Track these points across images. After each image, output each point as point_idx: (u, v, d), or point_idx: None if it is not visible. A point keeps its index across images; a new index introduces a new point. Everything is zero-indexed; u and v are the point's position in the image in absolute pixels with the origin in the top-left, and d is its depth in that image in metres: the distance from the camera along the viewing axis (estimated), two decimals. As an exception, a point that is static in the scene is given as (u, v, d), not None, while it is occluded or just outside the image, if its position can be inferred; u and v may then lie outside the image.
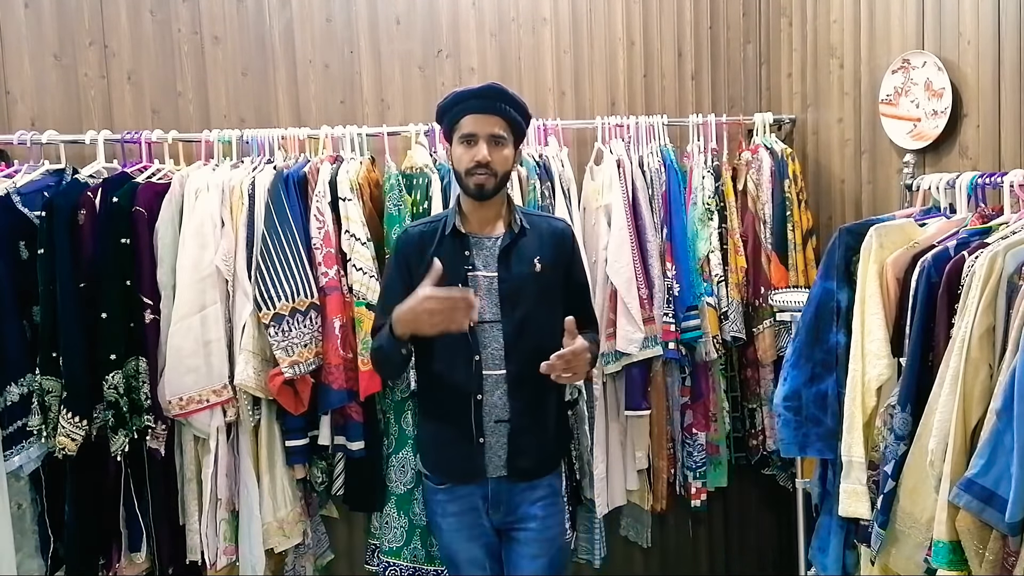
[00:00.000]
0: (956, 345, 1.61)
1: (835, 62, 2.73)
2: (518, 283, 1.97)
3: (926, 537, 1.67)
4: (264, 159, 2.60)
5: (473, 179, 1.93)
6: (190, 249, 2.36)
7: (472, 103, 1.95)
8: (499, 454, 1.98)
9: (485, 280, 1.97)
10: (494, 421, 1.97)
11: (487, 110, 1.94)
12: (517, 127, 1.99)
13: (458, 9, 2.93)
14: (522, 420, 1.98)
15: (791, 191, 2.79)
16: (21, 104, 2.66)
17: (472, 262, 1.98)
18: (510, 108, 1.97)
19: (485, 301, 1.96)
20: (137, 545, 2.43)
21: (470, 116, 1.94)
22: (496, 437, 1.98)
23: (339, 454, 2.58)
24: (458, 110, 1.96)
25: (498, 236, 2.00)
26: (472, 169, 1.93)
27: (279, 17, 2.82)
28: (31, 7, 2.65)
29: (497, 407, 1.97)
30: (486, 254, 1.99)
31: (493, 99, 1.96)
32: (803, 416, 2.00)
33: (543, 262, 1.99)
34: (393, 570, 2.58)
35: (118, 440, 2.30)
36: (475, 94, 1.96)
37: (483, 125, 1.94)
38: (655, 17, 3.05)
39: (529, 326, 1.96)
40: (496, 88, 1.98)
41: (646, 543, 2.99)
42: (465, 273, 1.97)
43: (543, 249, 2.01)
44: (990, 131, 2.07)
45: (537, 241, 2.02)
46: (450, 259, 1.94)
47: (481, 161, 1.91)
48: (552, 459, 2.09)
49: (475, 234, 2.00)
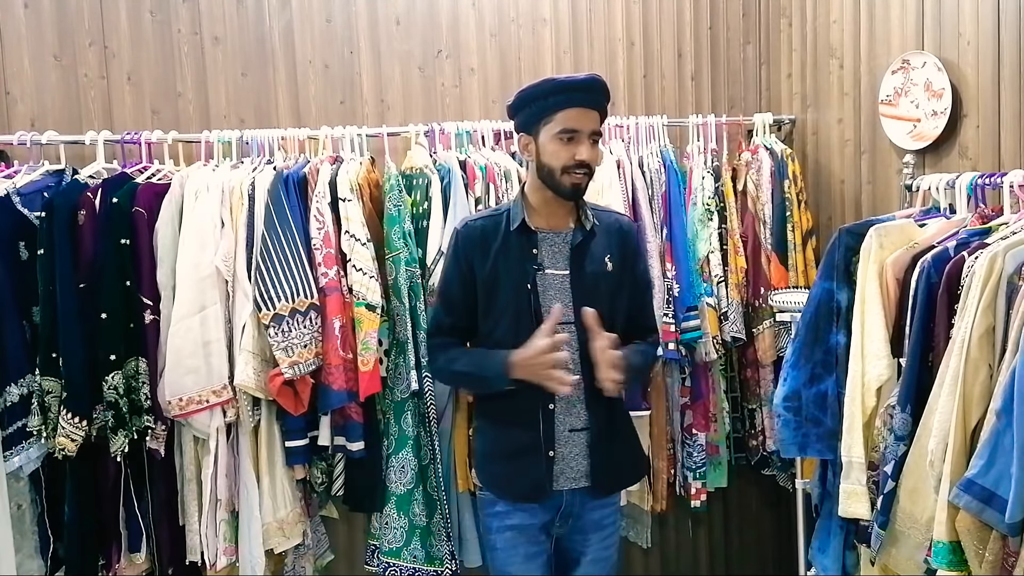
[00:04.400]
0: (956, 345, 1.61)
1: (835, 62, 2.73)
2: (592, 282, 1.88)
3: (926, 537, 1.67)
4: (264, 160, 2.60)
5: (571, 178, 1.82)
6: (190, 249, 2.36)
7: (577, 96, 1.82)
8: (572, 465, 1.89)
9: (555, 279, 1.88)
10: (568, 431, 1.88)
11: (591, 104, 1.83)
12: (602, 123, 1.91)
13: (458, 9, 2.93)
14: (603, 428, 1.89)
15: (791, 191, 2.78)
16: (21, 104, 2.66)
17: (540, 260, 1.89)
18: (605, 104, 1.87)
19: (555, 301, 1.87)
20: (137, 545, 2.42)
21: (574, 110, 1.81)
22: (570, 447, 1.88)
23: (339, 454, 2.58)
24: (557, 101, 1.82)
25: (567, 232, 1.90)
26: (571, 167, 1.81)
27: (279, 17, 2.82)
28: (31, 7, 2.65)
29: (572, 415, 1.87)
30: (555, 251, 1.89)
31: (598, 93, 1.85)
32: (803, 416, 2.00)
33: (613, 260, 1.91)
34: (393, 571, 2.58)
35: (118, 441, 2.30)
36: (581, 86, 1.83)
37: (587, 121, 1.82)
38: (655, 17, 3.05)
39: (605, 327, 1.83)
40: (601, 81, 1.86)
41: (646, 543, 2.99)
42: (533, 272, 1.88)
43: (612, 246, 1.92)
44: (990, 131, 2.07)
45: (606, 238, 1.92)
46: (516, 256, 1.88)
47: (586, 160, 1.81)
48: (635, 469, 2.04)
49: (543, 230, 1.91)
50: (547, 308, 1.85)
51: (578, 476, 1.89)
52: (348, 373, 2.42)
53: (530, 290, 1.88)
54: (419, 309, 2.53)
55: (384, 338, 2.51)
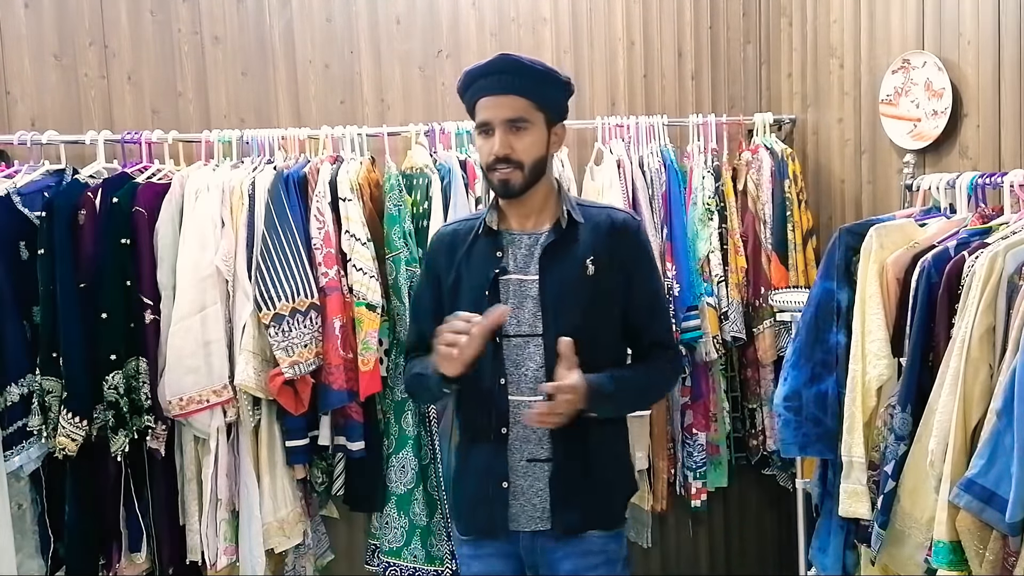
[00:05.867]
0: (956, 345, 1.61)
1: (835, 62, 2.73)
2: (563, 288, 1.62)
3: (926, 537, 1.67)
4: (264, 159, 2.59)
5: (495, 175, 1.62)
6: (190, 249, 2.36)
7: (484, 83, 1.63)
8: (534, 502, 1.62)
9: (521, 285, 1.64)
10: (526, 460, 1.62)
11: (499, 89, 1.61)
12: (547, 101, 1.64)
13: (458, 9, 2.93)
14: (568, 459, 1.61)
15: (791, 191, 2.78)
16: (21, 104, 2.66)
17: (504, 264, 1.65)
18: (529, 81, 1.61)
19: (519, 310, 1.63)
20: (137, 545, 2.42)
21: (484, 99, 1.63)
22: (529, 481, 1.62)
23: (339, 454, 2.58)
24: (471, 93, 1.66)
25: (541, 233, 1.67)
26: (491, 164, 1.62)
27: (279, 17, 2.82)
28: (31, 7, 2.65)
29: (531, 443, 1.62)
30: (523, 254, 1.66)
31: (510, 74, 1.61)
32: (803, 416, 2.00)
33: (598, 262, 1.63)
34: (393, 570, 2.58)
35: (118, 440, 2.30)
36: (483, 72, 1.64)
37: (498, 109, 1.61)
38: (655, 17, 3.05)
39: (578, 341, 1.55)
40: (509, 60, 1.63)
41: (646, 543, 2.99)
42: (495, 277, 1.64)
43: (598, 246, 1.64)
44: (990, 131, 2.07)
45: (591, 237, 1.65)
46: (479, 261, 1.67)
47: (498, 155, 1.60)
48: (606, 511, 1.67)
49: (512, 231, 1.68)
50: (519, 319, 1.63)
51: (538, 516, 1.62)
52: (348, 373, 2.42)
53: (488, 296, 1.63)
54: (419, 309, 2.53)
55: (384, 338, 2.51)
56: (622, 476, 1.76)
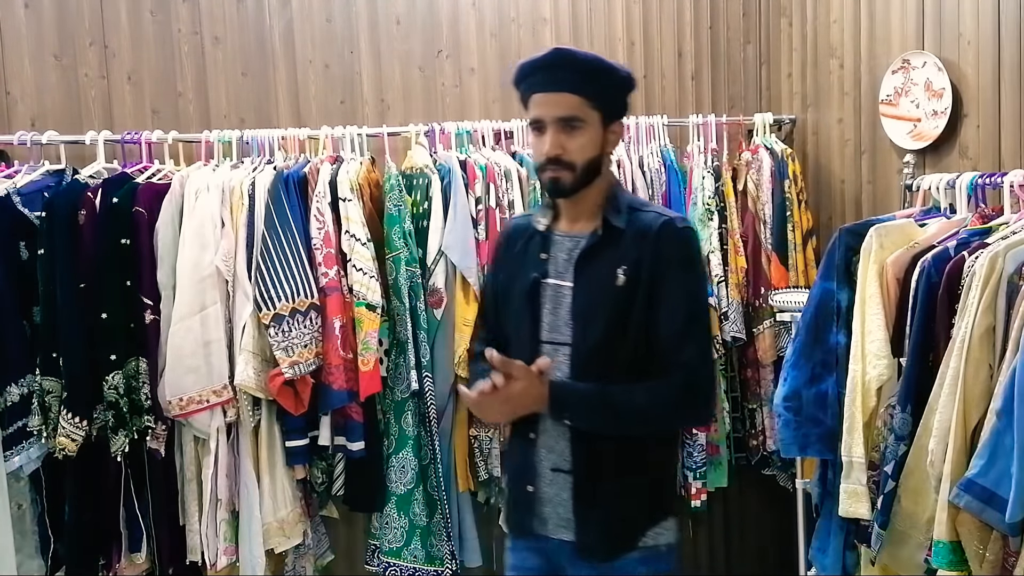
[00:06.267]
0: (956, 345, 1.61)
1: (835, 62, 2.73)
2: (591, 298, 1.54)
3: (926, 537, 1.67)
4: (264, 159, 2.59)
5: (545, 175, 1.55)
6: (190, 249, 2.36)
7: (535, 79, 1.54)
8: (559, 511, 1.57)
9: (558, 291, 1.58)
10: (551, 469, 1.57)
11: (552, 85, 1.52)
12: (603, 99, 1.54)
13: (458, 9, 2.92)
14: (590, 474, 1.54)
15: (791, 191, 2.79)
16: (21, 104, 2.65)
17: (545, 268, 1.59)
18: (584, 78, 1.52)
19: (554, 316, 1.57)
20: (137, 545, 2.42)
21: (537, 96, 1.54)
22: (555, 489, 1.57)
23: (339, 454, 2.57)
24: (524, 88, 1.57)
25: (583, 237, 1.58)
26: (542, 164, 1.54)
27: (279, 17, 2.82)
28: (31, 7, 2.65)
29: (555, 452, 1.56)
30: (564, 259, 1.59)
31: (563, 70, 1.52)
32: (803, 416, 2.00)
33: (630, 272, 1.52)
34: (393, 570, 2.58)
35: (118, 440, 2.30)
36: (536, 66, 1.54)
37: (551, 107, 1.52)
38: (655, 17, 3.05)
39: (603, 354, 1.52)
40: (564, 54, 1.54)
41: (646, 543, 2.99)
42: (535, 281, 1.59)
43: (634, 254, 1.52)
44: (990, 131, 2.07)
45: (629, 244, 1.53)
46: (528, 262, 1.62)
47: (549, 155, 1.52)
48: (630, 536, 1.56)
49: (560, 232, 1.61)
50: (548, 325, 1.58)
51: (563, 525, 1.58)
52: (348, 373, 2.42)
53: (528, 302, 1.60)
54: (419, 309, 2.53)
55: (384, 338, 2.51)
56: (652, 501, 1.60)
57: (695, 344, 1.53)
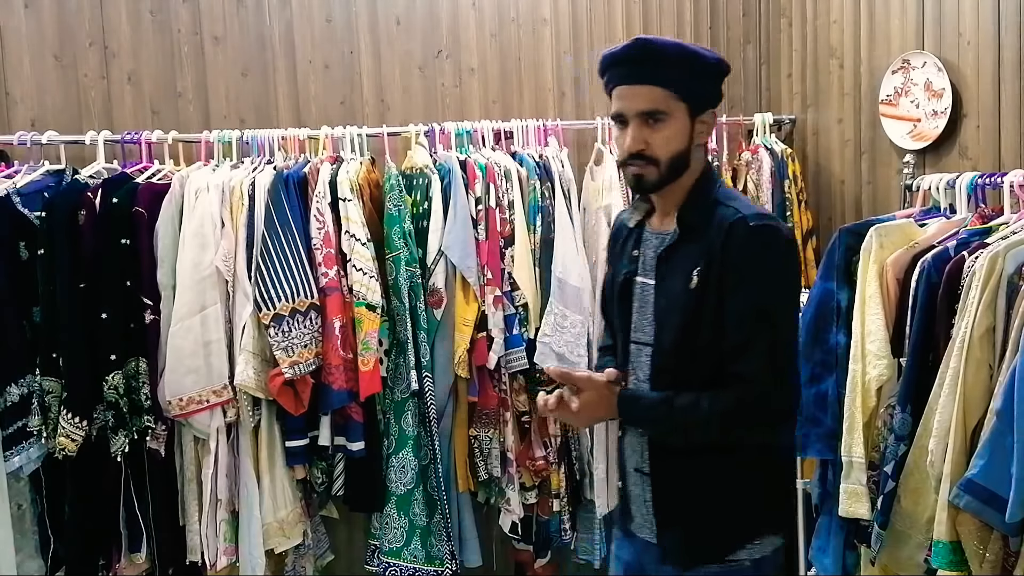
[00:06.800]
0: (956, 345, 1.61)
1: (835, 62, 2.73)
2: (669, 299, 1.49)
3: (926, 537, 1.67)
4: (264, 159, 2.59)
5: (628, 171, 1.49)
6: (190, 250, 2.36)
7: (616, 72, 1.49)
8: (642, 511, 1.55)
9: (644, 290, 1.54)
10: (633, 469, 1.56)
11: (634, 78, 1.46)
12: (689, 90, 1.47)
13: (458, 9, 2.93)
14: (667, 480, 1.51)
15: (791, 191, 2.79)
16: (21, 105, 2.66)
17: (635, 266, 1.56)
18: (668, 69, 1.45)
19: (641, 316, 1.54)
20: (137, 546, 2.42)
21: (617, 89, 1.49)
22: (638, 489, 1.55)
23: (339, 454, 2.57)
24: (607, 80, 1.52)
25: (667, 234, 1.52)
26: (625, 159, 1.49)
27: (279, 17, 2.82)
28: (31, 7, 2.65)
29: (636, 452, 1.54)
30: (651, 256, 1.54)
31: (643, 63, 1.46)
32: (803, 416, 2.00)
33: (702, 274, 1.44)
34: (393, 571, 2.58)
35: (118, 441, 2.30)
36: (617, 58, 1.49)
37: (631, 100, 1.46)
38: (655, 17, 3.05)
39: (679, 357, 1.47)
40: (642, 45, 1.47)
41: (646, 543, 2.99)
42: (628, 280, 1.57)
43: (708, 255, 1.44)
44: (990, 131, 2.07)
45: (706, 243, 1.45)
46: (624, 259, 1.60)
47: (631, 150, 1.47)
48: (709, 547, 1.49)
49: (651, 229, 1.57)
50: (636, 325, 1.55)
51: (647, 526, 1.55)
52: (348, 373, 2.42)
53: (620, 300, 1.59)
54: (419, 309, 2.53)
55: (384, 338, 2.51)
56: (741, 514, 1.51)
57: (756, 355, 1.41)
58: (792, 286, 1.49)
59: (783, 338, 1.45)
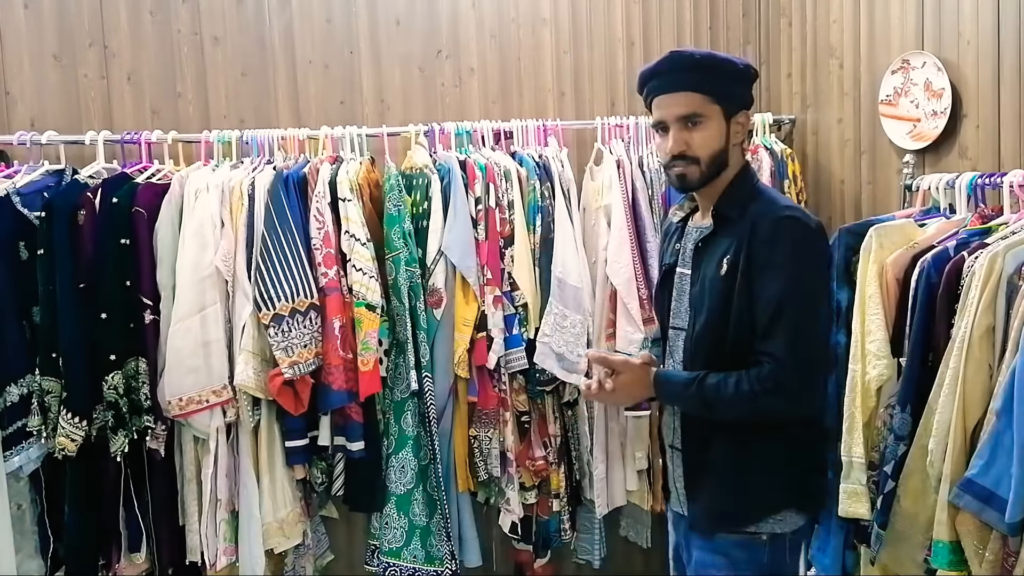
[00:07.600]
0: (956, 345, 1.61)
1: (835, 62, 2.73)
2: (703, 286, 1.63)
3: (926, 537, 1.67)
4: (264, 159, 2.59)
5: (673, 171, 1.64)
6: (190, 249, 2.36)
7: (656, 83, 1.65)
8: (677, 486, 1.72)
9: (682, 279, 1.72)
10: (669, 445, 1.74)
11: (670, 87, 1.62)
12: (722, 92, 1.63)
13: (458, 9, 2.93)
14: (697, 454, 1.66)
15: (791, 191, 2.78)
16: (21, 105, 2.66)
17: (675, 258, 1.75)
18: (700, 76, 1.61)
19: (679, 303, 1.72)
20: (137, 545, 2.42)
21: (658, 98, 1.64)
22: (673, 465, 1.73)
23: (339, 454, 2.58)
24: (647, 93, 1.68)
25: (706, 227, 1.68)
26: (668, 163, 1.65)
27: (279, 17, 2.82)
28: (31, 7, 2.65)
29: (671, 429, 1.72)
30: (689, 248, 1.71)
31: (678, 71, 1.62)
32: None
33: (731, 262, 1.58)
34: (393, 571, 2.58)
35: (118, 441, 2.30)
36: (653, 71, 1.66)
37: (669, 108, 1.62)
38: (655, 17, 3.05)
39: (709, 341, 1.60)
40: (675, 57, 1.64)
41: (646, 543, 2.99)
42: (670, 270, 1.76)
43: (736, 245, 1.58)
44: (990, 131, 2.07)
45: (736, 234, 1.59)
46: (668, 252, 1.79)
47: (673, 152, 1.62)
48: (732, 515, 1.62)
49: (693, 224, 1.74)
50: (674, 311, 1.73)
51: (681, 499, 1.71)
52: (348, 373, 2.42)
53: (662, 289, 1.80)
54: (419, 309, 2.53)
55: (384, 338, 2.51)
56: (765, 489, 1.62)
57: (783, 336, 1.51)
58: (817, 272, 1.60)
59: (808, 320, 1.55)
